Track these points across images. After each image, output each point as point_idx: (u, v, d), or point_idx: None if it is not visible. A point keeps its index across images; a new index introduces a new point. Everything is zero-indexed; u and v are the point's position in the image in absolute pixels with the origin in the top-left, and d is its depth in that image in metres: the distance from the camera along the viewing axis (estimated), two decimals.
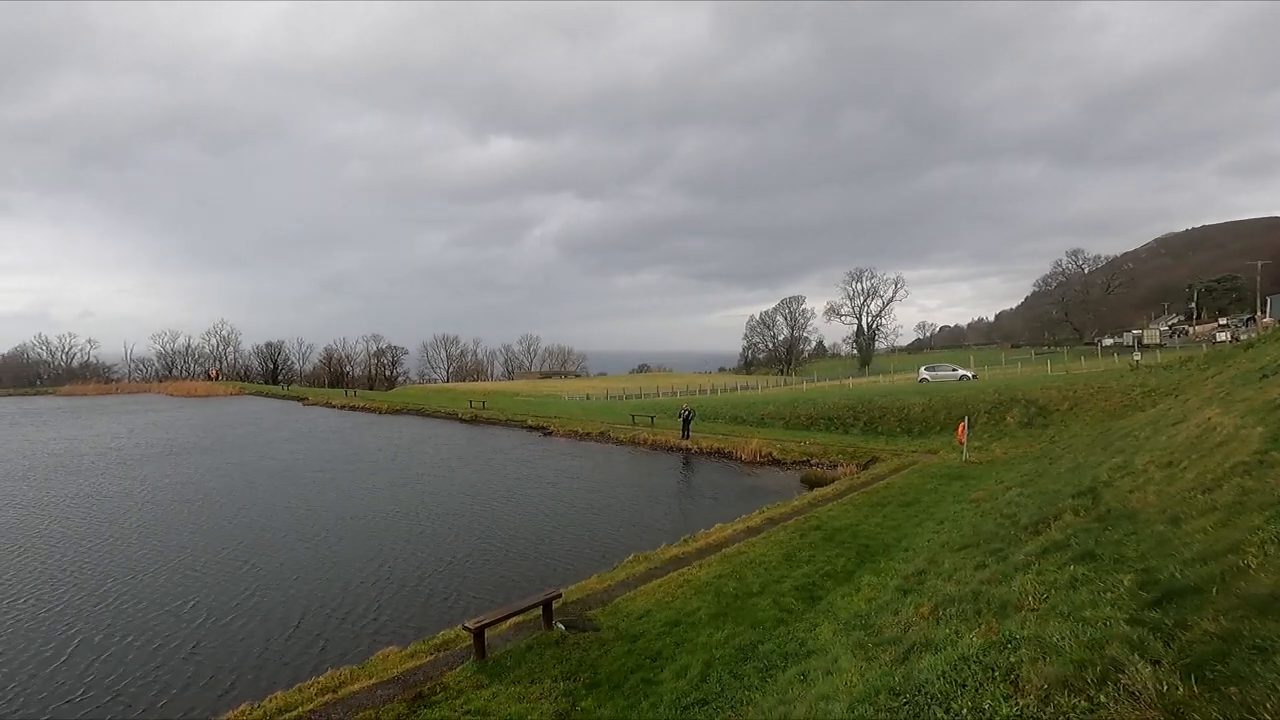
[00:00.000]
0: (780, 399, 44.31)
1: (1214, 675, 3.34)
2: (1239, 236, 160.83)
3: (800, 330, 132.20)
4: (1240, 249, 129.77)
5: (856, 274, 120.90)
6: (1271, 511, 5.34)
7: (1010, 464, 21.44)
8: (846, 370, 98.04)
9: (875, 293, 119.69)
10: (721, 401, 48.58)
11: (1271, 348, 23.82)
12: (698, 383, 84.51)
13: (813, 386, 60.83)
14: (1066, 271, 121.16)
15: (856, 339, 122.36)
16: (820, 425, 35.52)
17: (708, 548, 14.53)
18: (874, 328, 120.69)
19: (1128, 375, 33.15)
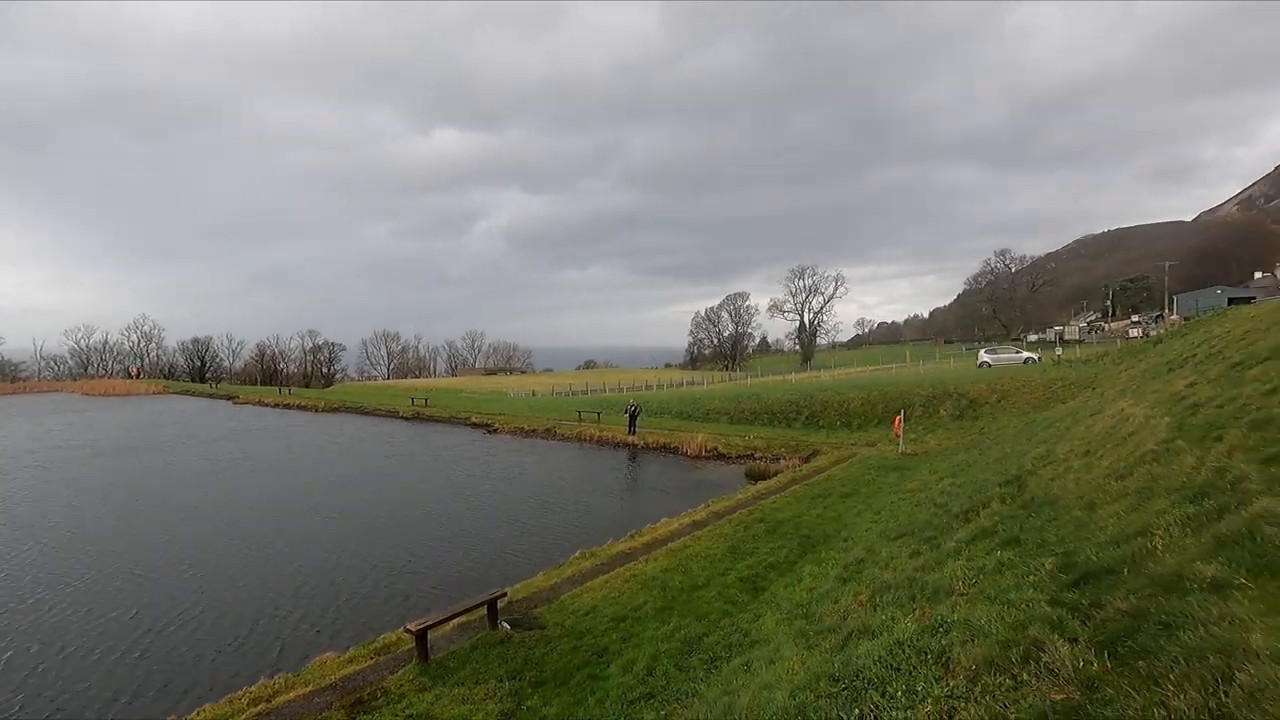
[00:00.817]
0: (725, 394, 44.91)
1: (1125, 651, 3.56)
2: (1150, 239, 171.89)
3: (745, 326, 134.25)
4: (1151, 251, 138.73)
5: (799, 271, 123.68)
6: (1176, 496, 5.72)
7: (943, 455, 22.32)
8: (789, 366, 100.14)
9: (817, 290, 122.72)
10: (668, 397, 48.91)
11: (1178, 343, 25.52)
12: (644, 378, 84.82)
13: (757, 382, 61.88)
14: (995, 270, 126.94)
15: (799, 335, 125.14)
16: (764, 420, 36.17)
17: (654, 542, 14.62)
18: (815, 324, 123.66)
19: (1050, 369, 34.96)
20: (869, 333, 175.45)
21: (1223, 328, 21.21)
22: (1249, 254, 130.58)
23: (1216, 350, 15.43)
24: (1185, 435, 7.87)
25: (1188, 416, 9.01)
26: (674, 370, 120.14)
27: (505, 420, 42.51)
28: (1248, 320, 19.06)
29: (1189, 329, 30.78)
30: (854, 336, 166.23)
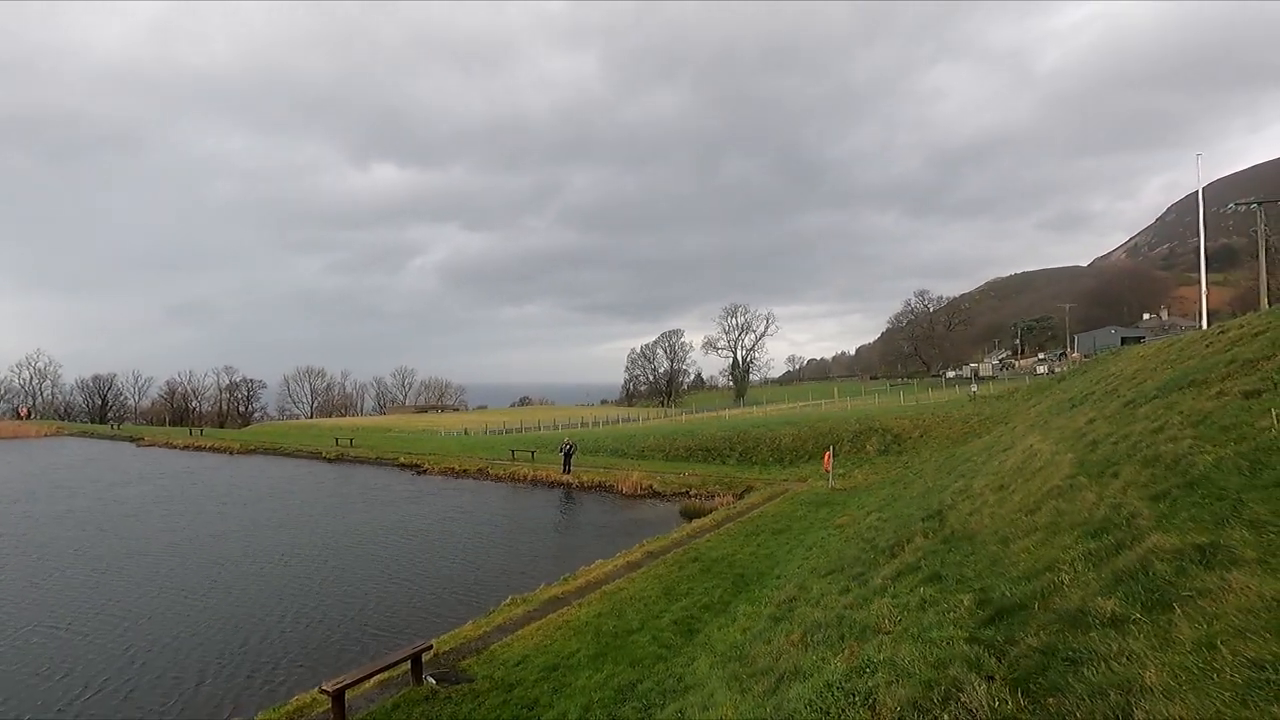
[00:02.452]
0: (660, 431, 45.07)
1: (1036, 688, 3.70)
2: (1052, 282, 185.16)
3: (680, 363, 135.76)
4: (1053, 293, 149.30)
5: (732, 309, 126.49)
6: (1079, 532, 6.06)
7: (871, 489, 22.99)
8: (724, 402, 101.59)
9: (749, 328, 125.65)
10: (603, 434, 48.66)
11: (1079, 380, 27.36)
12: (580, 415, 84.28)
13: (691, 418, 62.46)
14: (915, 310, 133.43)
15: (732, 372, 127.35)
16: (699, 456, 36.42)
17: (588, 585, 14.34)
18: (748, 361, 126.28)
19: (967, 405, 36.77)
20: (800, 369, 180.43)
21: (1117, 366, 22.90)
22: (1138, 297, 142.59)
23: (1112, 388, 16.61)
24: (1086, 471, 8.38)
25: (1088, 453, 9.62)
26: (610, 407, 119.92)
27: (435, 460, 41.22)
28: (1138, 359, 20.66)
29: (1088, 366, 33.09)
30: (786, 373, 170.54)
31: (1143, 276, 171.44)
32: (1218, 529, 4.36)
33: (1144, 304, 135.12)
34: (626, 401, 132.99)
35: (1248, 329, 13.69)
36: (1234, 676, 2.76)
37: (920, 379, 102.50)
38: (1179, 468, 6.21)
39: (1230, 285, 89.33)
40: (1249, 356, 10.07)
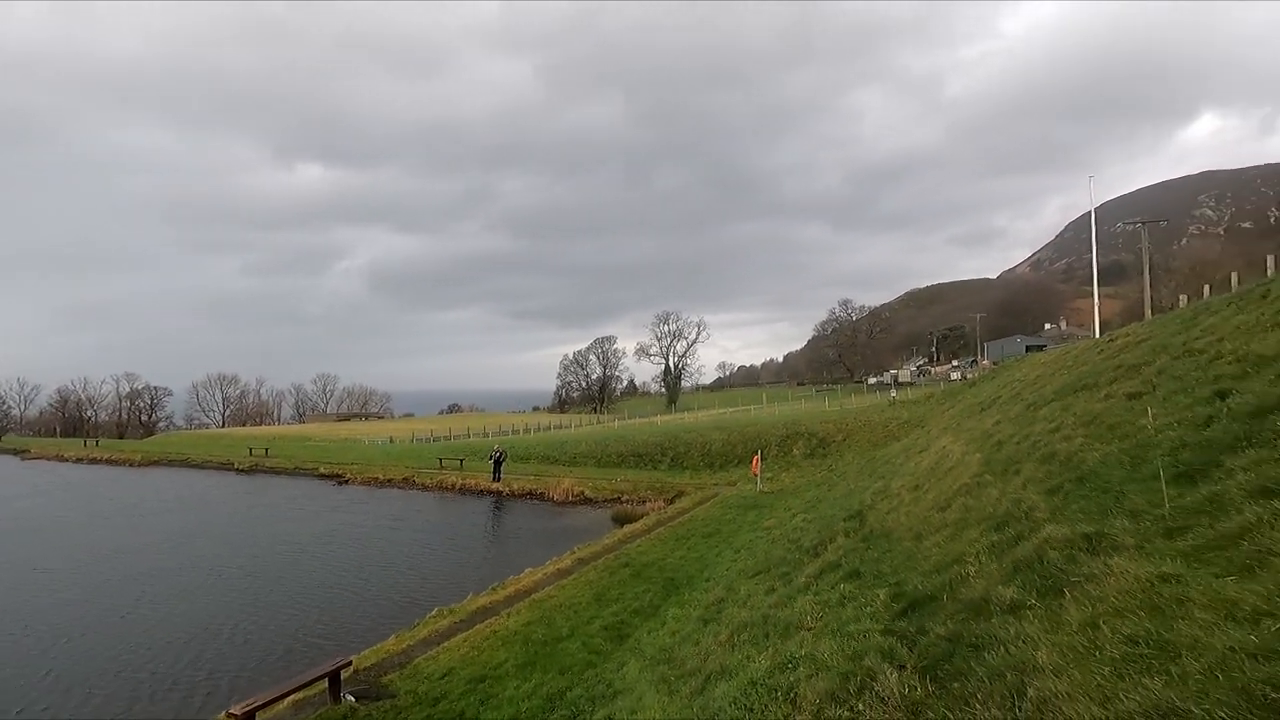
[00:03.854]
0: (592, 437, 44.96)
1: (943, 674, 3.89)
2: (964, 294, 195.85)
3: (612, 370, 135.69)
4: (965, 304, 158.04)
5: (664, 317, 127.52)
6: (984, 526, 6.43)
7: (797, 492, 23.63)
8: (656, 408, 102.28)
9: (681, 335, 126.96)
10: (535, 441, 48.13)
11: (987, 386, 29.01)
12: (511, 422, 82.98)
13: (624, 424, 62.59)
14: (839, 319, 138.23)
15: (664, 378, 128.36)
16: (630, 462, 36.52)
17: (517, 594, 14.13)
18: (680, 368, 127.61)
19: (887, 410, 38.35)
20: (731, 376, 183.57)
21: (1021, 372, 24.43)
22: (1040, 308, 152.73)
23: (1016, 393, 17.70)
24: (991, 470, 8.90)
25: (994, 452, 10.22)
26: (542, 414, 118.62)
27: (358, 470, 39.74)
28: (1040, 365, 22.11)
29: (996, 373, 35.16)
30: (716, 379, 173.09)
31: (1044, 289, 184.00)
32: (1103, 519, 4.72)
33: (1046, 314, 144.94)
34: (559, 408, 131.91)
35: (1133, 337, 14.88)
36: (1113, 652, 3.00)
37: (844, 385, 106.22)
38: (1071, 464, 6.69)
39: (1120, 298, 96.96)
40: (1133, 362, 10.95)
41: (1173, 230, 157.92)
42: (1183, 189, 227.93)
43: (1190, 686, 2.41)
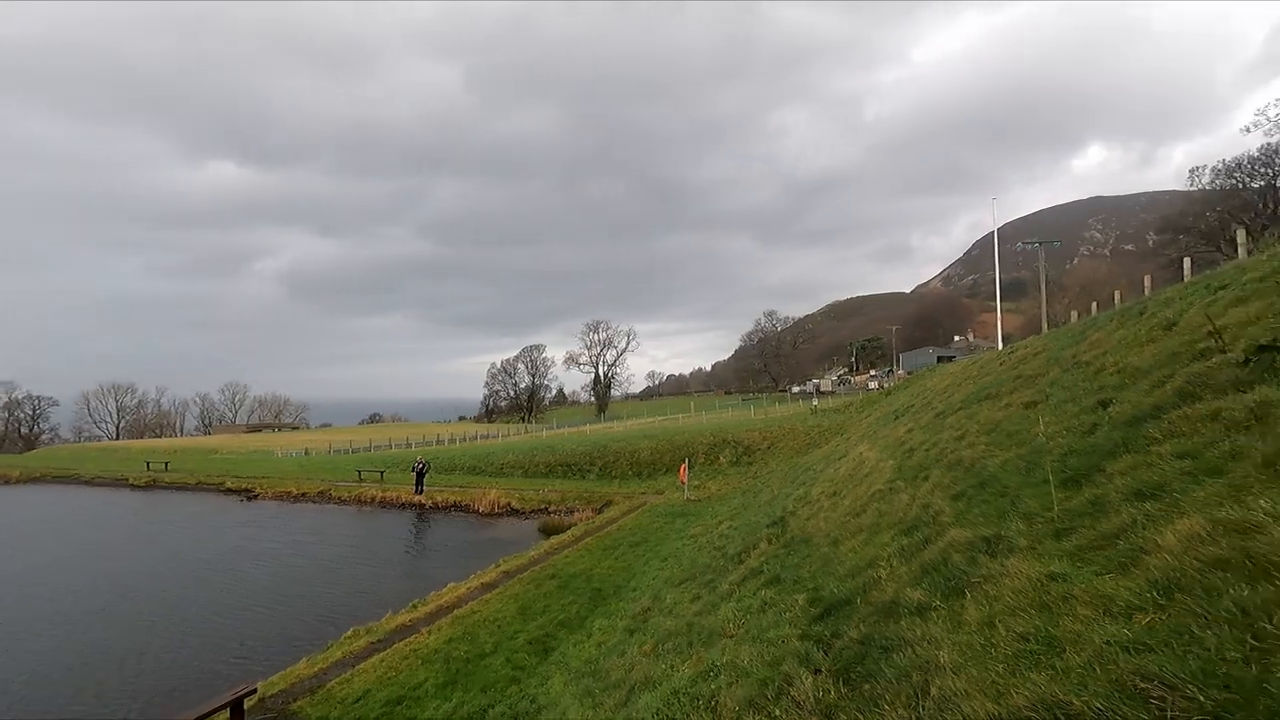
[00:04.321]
0: (520, 447, 44.30)
1: (855, 676, 4.03)
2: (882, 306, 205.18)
3: (541, 378, 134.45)
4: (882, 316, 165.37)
5: (594, 325, 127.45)
6: (895, 530, 6.71)
7: (723, 499, 24.00)
8: (585, 417, 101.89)
9: (611, 343, 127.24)
10: (460, 452, 47.00)
11: (902, 395, 30.40)
12: (436, 432, 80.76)
13: (553, 434, 61.98)
14: (765, 329, 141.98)
15: (594, 387, 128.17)
16: (559, 472, 36.19)
17: (439, 610, 13.71)
18: (610, 376, 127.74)
19: (809, 418, 39.56)
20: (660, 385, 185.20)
21: (932, 382, 25.73)
22: (950, 321, 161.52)
23: (927, 402, 18.62)
24: (903, 476, 9.32)
25: (906, 459, 10.70)
26: (468, 423, 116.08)
27: (269, 484, 37.68)
28: (949, 376, 23.37)
29: (910, 382, 36.91)
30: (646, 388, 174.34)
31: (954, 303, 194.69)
32: (1000, 522, 5.01)
33: (955, 327, 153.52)
34: (486, 417, 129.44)
35: (1030, 350, 15.94)
36: (1007, 650, 3.18)
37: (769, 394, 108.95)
38: (974, 470, 7.08)
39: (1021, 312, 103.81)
40: (1030, 373, 11.73)
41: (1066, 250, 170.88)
42: (1075, 212, 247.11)
43: (1072, 680, 2.59)
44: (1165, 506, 3.64)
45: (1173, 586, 2.84)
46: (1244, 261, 10.94)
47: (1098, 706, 2.34)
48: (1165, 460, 4.29)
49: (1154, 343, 7.93)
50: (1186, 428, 4.62)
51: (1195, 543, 3.02)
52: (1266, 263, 8.38)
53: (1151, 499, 3.87)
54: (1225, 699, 2.09)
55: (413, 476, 33.61)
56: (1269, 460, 3.51)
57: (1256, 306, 6.53)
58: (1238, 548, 2.78)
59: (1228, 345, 5.71)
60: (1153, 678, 2.32)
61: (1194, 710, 2.11)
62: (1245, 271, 8.92)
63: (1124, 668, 2.47)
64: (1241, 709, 2.03)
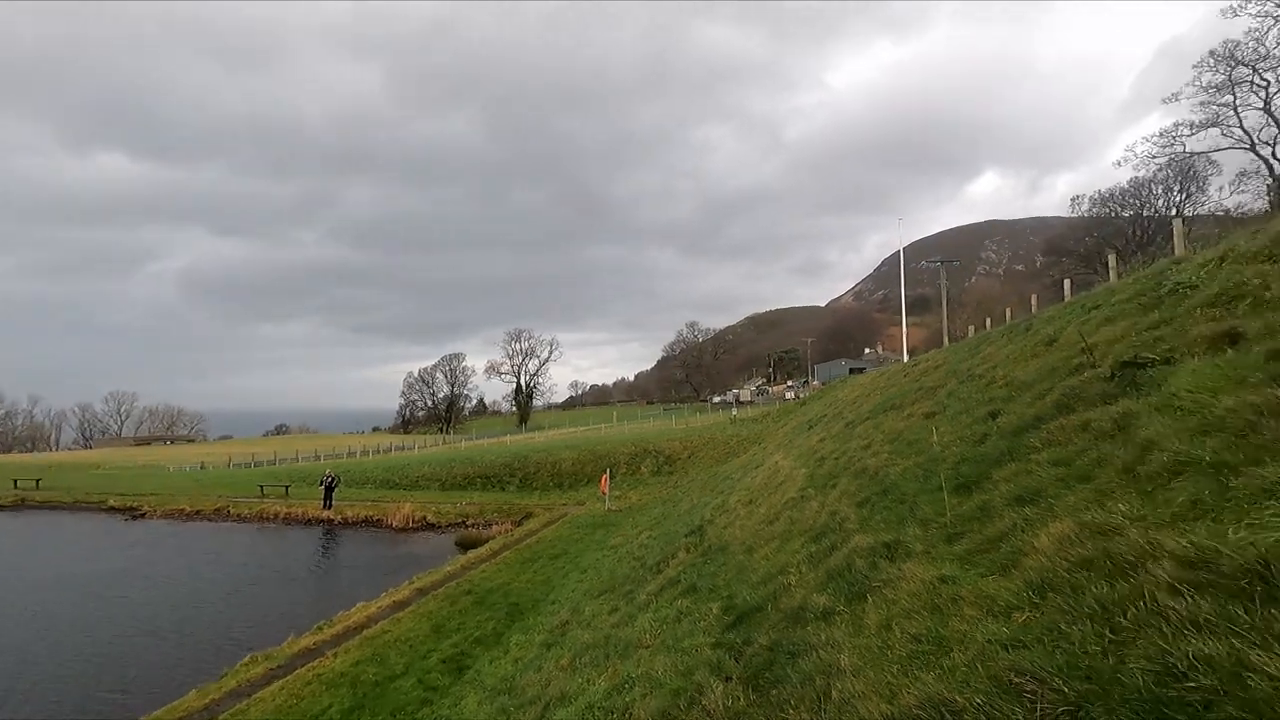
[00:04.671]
0: (437, 459, 43.02)
1: (764, 682, 4.12)
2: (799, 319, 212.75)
3: (461, 388, 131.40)
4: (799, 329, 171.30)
5: (516, 334, 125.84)
6: (805, 537, 6.94)
7: (644, 509, 24.11)
8: (506, 427, 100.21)
9: (533, 353, 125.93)
10: (373, 464, 45.19)
11: (816, 405, 31.54)
12: (347, 444, 77.31)
13: (472, 445, 60.58)
14: (687, 340, 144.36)
15: (516, 397, 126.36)
16: (478, 484, 35.38)
17: (347, 631, 13.08)
18: (532, 386, 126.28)
19: (729, 428, 40.39)
20: (582, 394, 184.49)
21: (844, 392, 26.85)
22: (862, 334, 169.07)
23: (838, 412, 19.40)
24: (814, 484, 9.66)
25: (817, 468, 11.10)
26: (383, 434, 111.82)
27: (159, 501, 34.95)
28: (859, 387, 24.44)
29: (824, 393, 38.38)
30: (569, 398, 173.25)
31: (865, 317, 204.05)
32: (899, 528, 5.28)
33: (866, 340, 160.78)
34: (402, 428, 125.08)
35: (931, 363, 16.93)
36: (901, 651, 3.35)
37: (691, 404, 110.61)
38: (878, 478, 7.43)
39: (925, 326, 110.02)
40: (930, 384, 12.44)
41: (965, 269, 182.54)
42: (973, 234, 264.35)
43: (956, 678, 2.75)
44: (1041, 511, 3.94)
45: (1045, 586, 3.07)
46: (1114, 284, 12.03)
47: (978, 702, 2.50)
48: (1043, 468, 4.65)
49: (1037, 357, 8.58)
50: (1062, 437, 5.02)
51: (1065, 545, 3.28)
52: (1131, 285, 9.23)
53: (1030, 504, 4.18)
54: (1086, 689, 2.28)
55: (321, 491, 31.98)
56: (1129, 466, 3.86)
57: (1122, 325, 7.19)
58: (1100, 548, 3.04)
59: (1098, 361, 6.25)
60: (1026, 672, 2.49)
61: (1060, 702, 2.29)
62: (1114, 293, 9.80)
63: (1002, 664, 2.65)
64: (1100, 698, 2.22)
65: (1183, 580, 2.48)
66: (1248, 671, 1.95)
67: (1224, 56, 33.60)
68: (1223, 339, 4.89)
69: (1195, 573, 2.49)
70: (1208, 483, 3.13)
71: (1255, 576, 2.28)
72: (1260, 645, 2.01)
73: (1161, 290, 7.53)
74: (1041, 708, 2.31)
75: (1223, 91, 34.53)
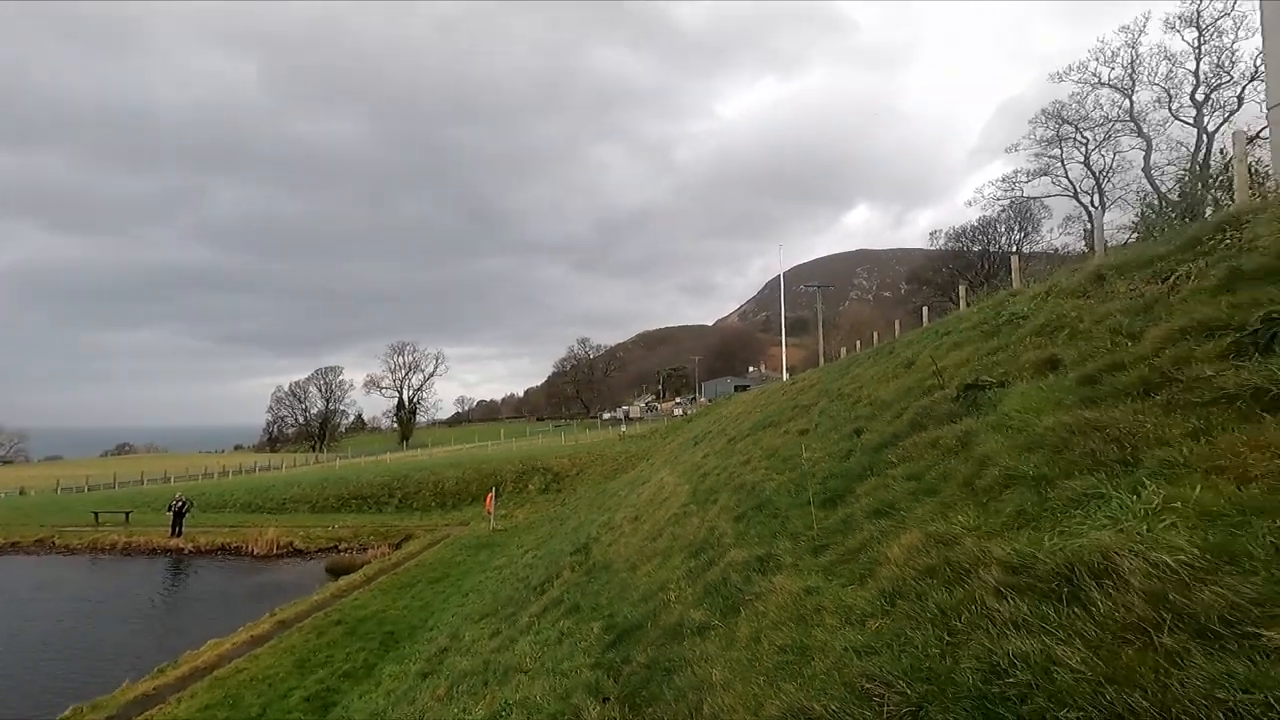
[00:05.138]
0: (308, 479, 40.18)
1: (640, 700, 4.15)
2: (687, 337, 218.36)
3: (337, 403, 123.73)
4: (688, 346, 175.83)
5: (399, 347, 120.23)
6: (685, 553, 7.08)
7: (531, 528, 23.67)
8: (386, 445, 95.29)
9: (418, 367, 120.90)
10: (234, 486, 41.51)
11: (702, 421, 32.40)
12: (204, 464, 70.45)
13: (347, 464, 57.10)
14: (578, 356, 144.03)
15: (397, 413, 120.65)
16: (353, 506, 33.36)
17: (195, 673, 11.86)
18: (415, 401, 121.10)
19: (617, 444, 40.61)
20: (469, 410, 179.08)
21: (728, 409, 27.78)
22: (746, 353, 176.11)
23: (722, 429, 20.04)
24: (696, 500, 9.90)
25: (700, 483, 11.38)
26: (246, 453, 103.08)
27: None
28: (742, 404, 25.40)
29: (710, 410, 39.52)
30: (455, 414, 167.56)
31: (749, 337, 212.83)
32: (772, 541, 5.51)
33: (750, 359, 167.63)
34: (269, 446, 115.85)
35: (807, 382, 17.90)
36: (769, 662, 3.48)
37: (581, 420, 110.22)
38: (755, 493, 7.73)
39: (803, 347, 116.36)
40: (805, 403, 13.14)
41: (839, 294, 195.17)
42: (846, 261, 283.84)
43: (816, 686, 2.90)
44: (895, 523, 4.25)
45: (895, 594, 3.30)
46: (963, 312, 13.28)
47: (834, 709, 2.64)
48: (898, 482, 5.02)
49: (897, 378, 9.29)
50: (915, 453, 5.45)
51: (914, 554, 3.55)
52: (976, 314, 10.25)
53: (886, 516, 4.49)
54: (926, 690, 2.47)
55: (169, 517, 28.94)
56: (968, 480, 4.25)
57: (968, 351, 7.94)
58: (942, 557, 3.32)
59: (946, 383, 6.86)
60: (875, 678, 2.67)
61: (903, 703, 2.47)
62: (963, 320, 10.83)
63: (855, 671, 2.82)
64: (937, 697, 2.41)
65: (1007, 585, 2.76)
66: (1055, 666, 2.19)
67: (1053, 115, 38.24)
68: (1046, 365, 5.52)
69: (1017, 577, 2.77)
70: (1030, 495, 3.50)
71: (1064, 579, 2.57)
72: (1065, 641, 2.27)
73: (1000, 319, 8.40)
74: (888, 710, 2.48)
75: (1052, 145, 39.24)
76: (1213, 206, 10.35)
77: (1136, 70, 33.90)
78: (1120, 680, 1.98)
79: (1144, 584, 2.25)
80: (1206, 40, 30.89)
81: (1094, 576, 2.45)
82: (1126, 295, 5.99)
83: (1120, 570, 2.38)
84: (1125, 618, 2.19)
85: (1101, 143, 37.44)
